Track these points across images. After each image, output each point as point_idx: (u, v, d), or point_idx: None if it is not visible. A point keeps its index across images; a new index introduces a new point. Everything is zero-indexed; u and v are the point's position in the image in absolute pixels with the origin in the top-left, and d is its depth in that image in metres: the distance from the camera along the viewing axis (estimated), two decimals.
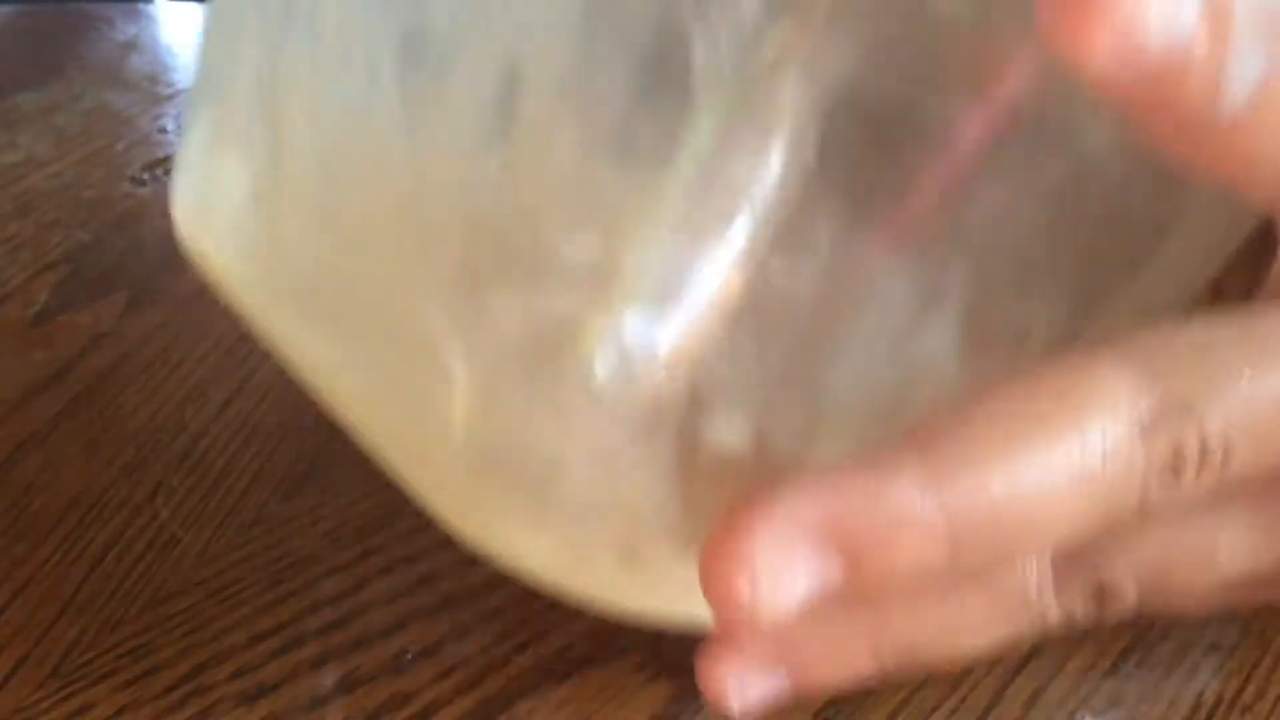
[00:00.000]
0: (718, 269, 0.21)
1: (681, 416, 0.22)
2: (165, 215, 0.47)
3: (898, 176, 0.21)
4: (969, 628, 0.25)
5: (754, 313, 0.21)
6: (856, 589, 0.22)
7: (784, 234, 0.21)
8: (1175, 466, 0.21)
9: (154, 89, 0.55)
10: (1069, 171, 0.22)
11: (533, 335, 0.21)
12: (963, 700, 0.28)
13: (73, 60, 0.57)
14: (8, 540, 0.33)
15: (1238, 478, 0.22)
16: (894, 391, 0.23)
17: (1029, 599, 0.24)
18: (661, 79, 0.20)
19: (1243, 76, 0.19)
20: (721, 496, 0.22)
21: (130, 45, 0.59)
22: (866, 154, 0.21)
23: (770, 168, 0.20)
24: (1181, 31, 0.18)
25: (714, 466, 0.22)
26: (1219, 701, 0.28)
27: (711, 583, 0.21)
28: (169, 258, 0.44)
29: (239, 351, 0.39)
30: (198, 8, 0.64)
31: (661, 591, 0.26)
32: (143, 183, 0.49)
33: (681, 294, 0.21)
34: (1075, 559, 0.24)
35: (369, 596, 0.31)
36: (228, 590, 0.31)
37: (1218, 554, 0.25)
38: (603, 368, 0.21)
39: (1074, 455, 0.21)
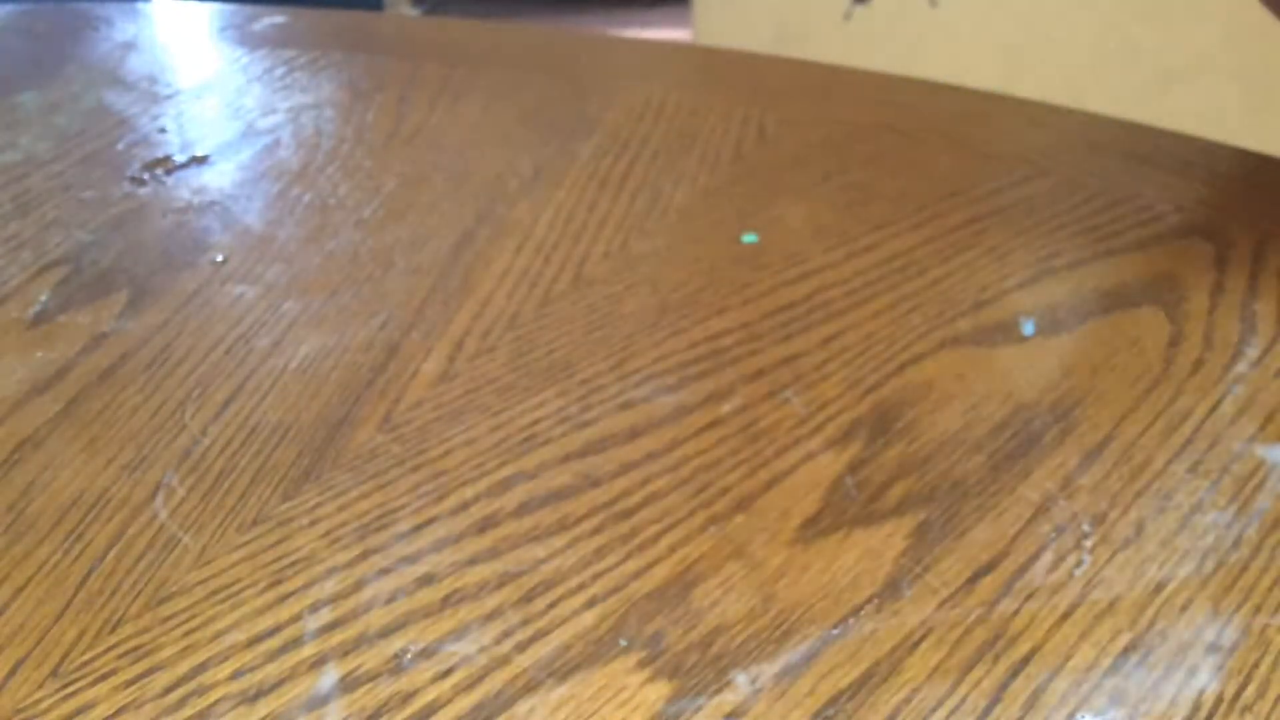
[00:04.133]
0: None
1: None
2: (165, 215, 0.47)
3: None
4: None
5: None
6: None
7: None
8: None
9: (154, 89, 0.55)
10: None
11: None
12: (963, 700, 0.28)
13: (73, 60, 0.57)
14: (8, 540, 0.33)
15: None
16: None
17: None
18: None
19: None
20: None
21: (130, 45, 0.59)
22: None
23: None
24: None
25: None
26: (1219, 701, 0.28)
27: None
28: (169, 258, 0.44)
29: (239, 351, 0.39)
30: (198, 7, 0.64)
31: None
32: (143, 183, 0.49)
33: None
34: None
35: (369, 596, 0.31)
36: (228, 590, 0.31)
37: None
38: None
39: None
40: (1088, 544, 0.32)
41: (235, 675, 0.29)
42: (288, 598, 0.31)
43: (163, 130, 0.52)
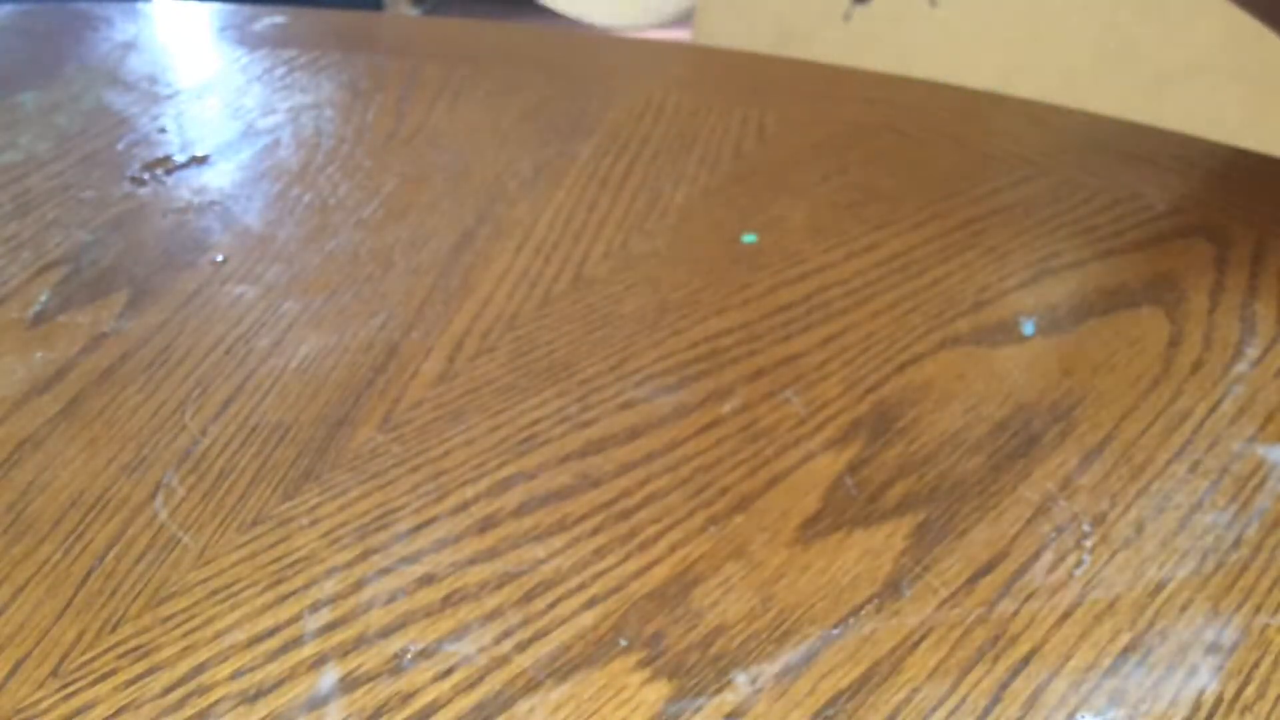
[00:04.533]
0: None
1: None
2: (165, 215, 0.47)
3: None
4: None
5: None
6: None
7: None
8: None
9: (154, 89, 0.55)
10: None
11: None
12: (963, 700, 0.28)
13: (73, 60, 0.57)
14: (8, 540, 0.33)
15: None
16: None
17: None
18: None
19: None
20: None
21: (130, 45, 0.59)
22: None
23: None
24: None
25: None
26: (1219, 701, 0.28)
27: None
28: (169, 258, 0.44)
29: (239, 351, 0.39)
30: (198, 7, 0.64)
31: None
32: (143, 182, 0.49)
33: None
34: None
35: (369, 596, 0.31)
36: (228, 590, 0.31)
37: None
38: None
39: None
40: (1088, 544, 0.32)
41: (235, 675, 0.29)
42: (288, 598, 0.31)
43: (163, 130, 0.52)
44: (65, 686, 0.29)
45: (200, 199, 0.48)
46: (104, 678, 0.29)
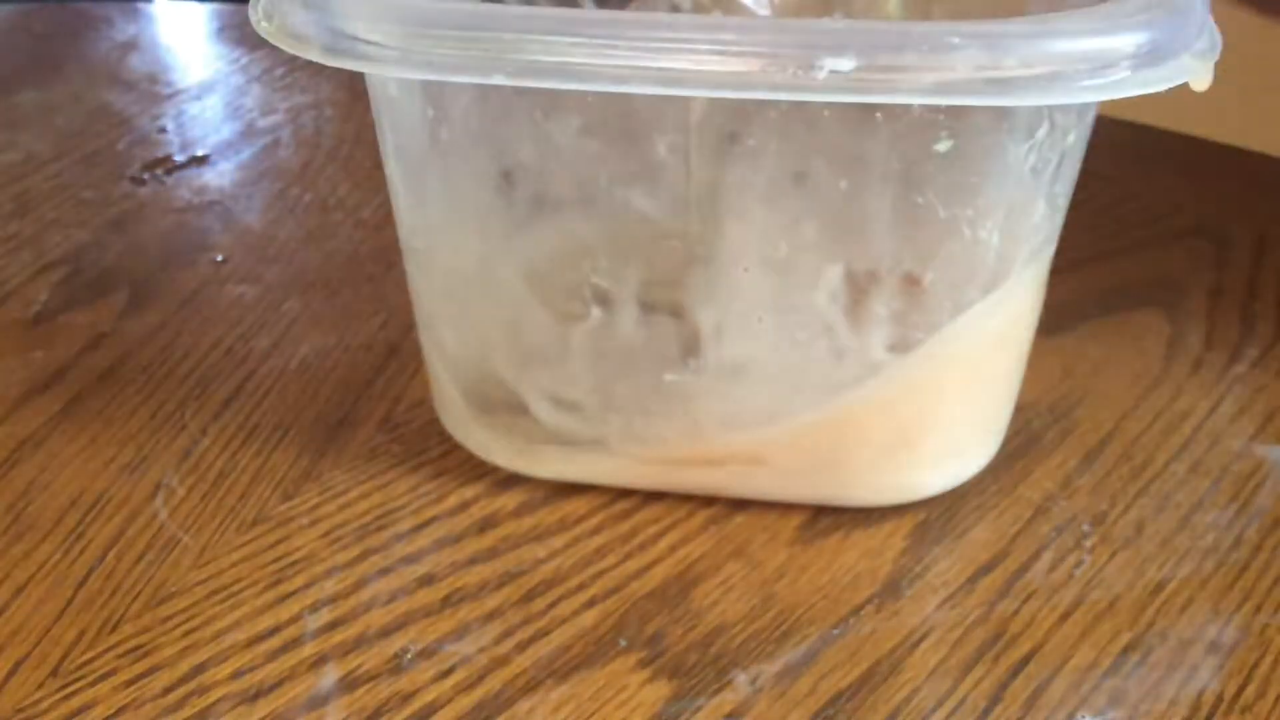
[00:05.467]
0: None
1: None
2: (165, 215, 0.47)
3: None
4: None
5: None
6: None
7: None
8: None
9: (154, 89, 0.55)
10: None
11: None
12: (962, 700, 0.28)
13: (73, 60, 0.58)
14: (8, 540, 0.33)
15: None
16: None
17: None
18: None
19: None
20: None
21: (130, 45, 0.59)
22: None
23: None
24: None
25: None
26: (1219, 701, 0.28)
27: None
28: (169, 258, 0.44)
29: (239, 351, 0.39)
30: (198, 8, 0.64)
31: None
32: (143, 182, 0.49)
33: None
34: None
35: (369, 596, 0.31)
36: (228, 590, 0.31)
37: None
38: None
39: None
40: (1088, 544, 0.32)
41: (235, 675, 0.29)
42: (288, 598, 0.31)
43: (163, 130, 0.52)
44: (65, 686, 0.29)
45: (200, 199, 0.48)
46: (104, 678, 0.29)
